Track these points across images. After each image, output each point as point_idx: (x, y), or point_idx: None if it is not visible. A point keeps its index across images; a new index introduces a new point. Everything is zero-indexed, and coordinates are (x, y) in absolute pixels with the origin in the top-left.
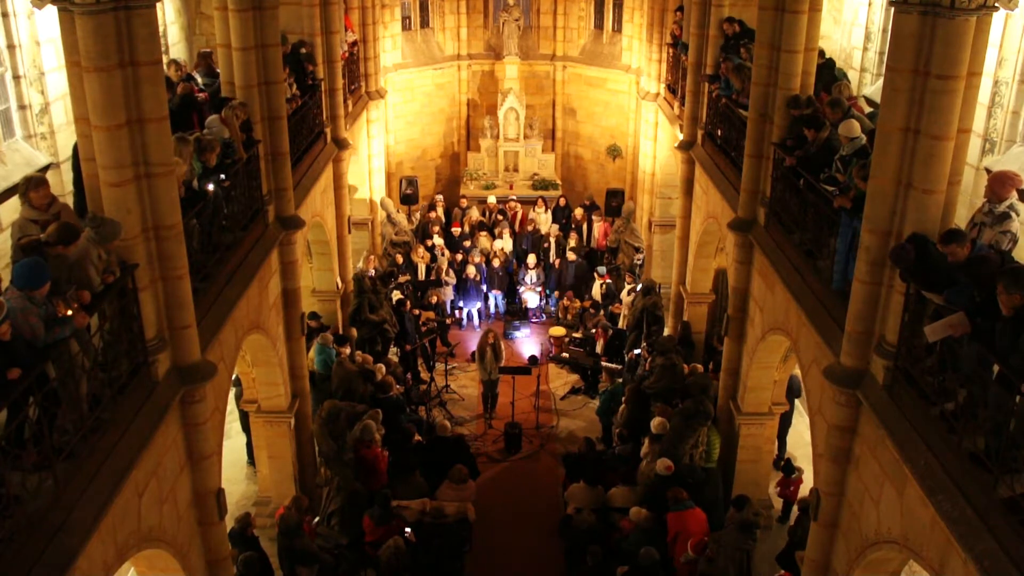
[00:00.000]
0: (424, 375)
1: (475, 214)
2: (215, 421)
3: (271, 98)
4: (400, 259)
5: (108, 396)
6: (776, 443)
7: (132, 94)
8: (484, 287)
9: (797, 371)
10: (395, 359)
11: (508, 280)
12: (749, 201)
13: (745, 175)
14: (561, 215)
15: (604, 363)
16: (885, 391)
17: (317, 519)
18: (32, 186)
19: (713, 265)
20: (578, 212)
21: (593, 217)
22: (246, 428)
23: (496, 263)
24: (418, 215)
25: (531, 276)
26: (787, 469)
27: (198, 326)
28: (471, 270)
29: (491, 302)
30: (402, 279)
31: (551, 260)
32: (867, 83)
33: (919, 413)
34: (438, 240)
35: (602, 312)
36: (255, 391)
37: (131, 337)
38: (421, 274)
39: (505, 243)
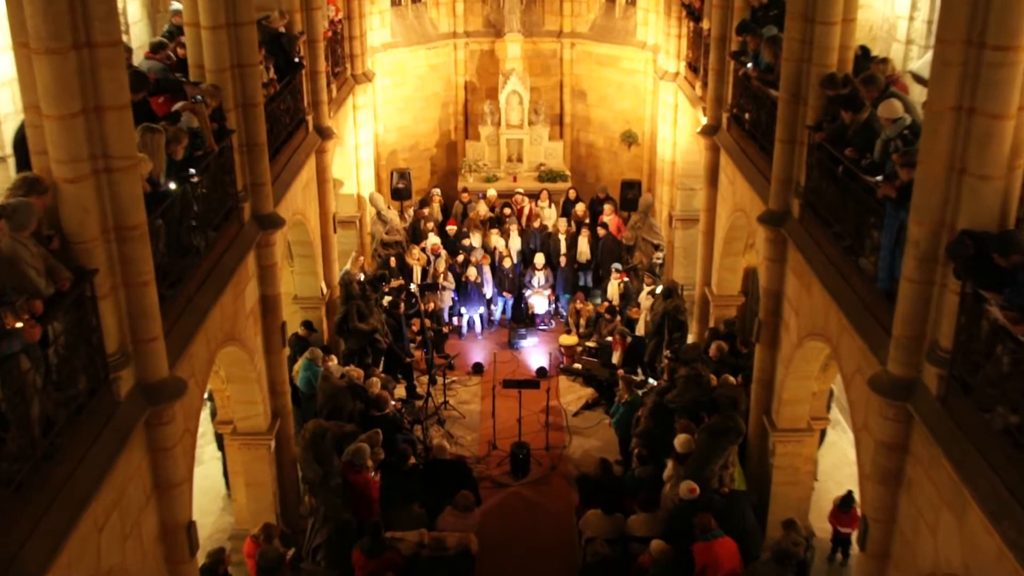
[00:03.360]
0: (420, 390)
1: (483, 209)
2: (185, 445)
3: (245, 83)
4: (392, 261)
5: (63, 419)
6: (816, 464)
7: (89, 79)
8: (487, 290)
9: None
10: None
11: (513, 282)
12: (781, 191)
13: (776, 162)
14: (571, 210)
15: (622, 374)
16: (939, 403)
17: (292, 551)
18: None
19: (742, 263)
20: (579, 208)
21: (605, 208)
22: (222, 451)
23: (507, 264)
24: (411, 212)
25: (538, 278)
26: (845, 502)
27: (165, 338)
28: (472, 272)
29: (496, 307)
30: (395, 283)
31: (559, 260)
32: (913, 56)
33: (979, 427)
34: (434, 239)
35: (619, 317)
36: (230, 410)
37: (89, 352)
38: (416, 277)
39: (513, 241)
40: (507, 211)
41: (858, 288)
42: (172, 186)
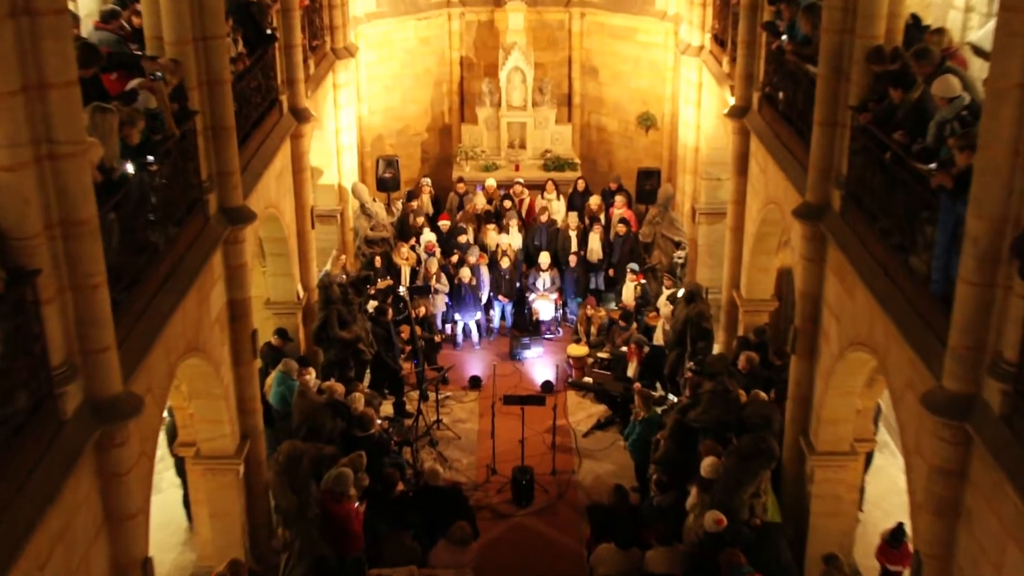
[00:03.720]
0: (410, 407)
1: (480, 202)
2: (141, 470)
3: (210, 57)
4: (378, 261)
5: (0, 440)
6: (861, 492)
7: (30, 52)
8: (483, 294)
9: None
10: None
11: (513, 284)
12: (820, 181)
13: (815, 148)
14: (580, 202)
15: (638, 389)
16: (1003, 423)
17: None
18: None
19: (775, 263)
20: (594, 202)
21: (617, 200)
22: (183, 477)
23: (505, 263)
24: (400, 204)
25: (543, 280)
26: (895, 536)
27: (119, 349)
28: (465, 273)
29: (495, 313)
30: (381, 286)
31: (567, 259)
32: (973, 26)
33: None
34: (427, 236)
35: (635, 325)
36: (193, 431)
37: (31, 363)
38: (404, 279)
39: (513, 238)
40: (507, 204)
41: (908, 291)
42: (128, 171)
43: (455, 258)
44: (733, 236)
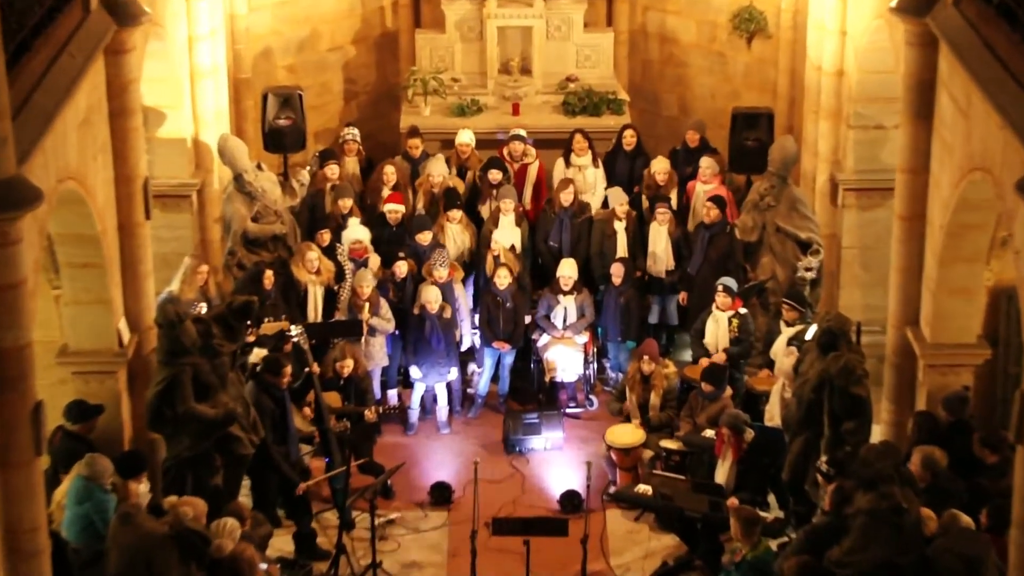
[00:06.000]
0: (325, 541)
1: (439, 169)
2: None
3: None
4: (268, 277)
5: None
6: None
7: None
8: (461, 334)
9: None
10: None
11: (516, 318)
12: None
13: None
14: (630, 169)
15: (736, 507)
16: None
17: None
18: None
19: (983, 279)
20: (657, 168)
21: (702, 166)
22: None
23: (503, 281)
24: (306, 175)
25: (564, 310)
26: None
27: None
28: (430, 296)
29: (481, 369)
30: (271, 325)
31: (607, 272)
32: None
33: None
34: (356, 231)
35: (729, 390)
36: None
37: None
38: (314, 308)
39: (508, 234)
40: (495, 175)
41: None
42: None
43: (403, 268)
44: (906, 231)
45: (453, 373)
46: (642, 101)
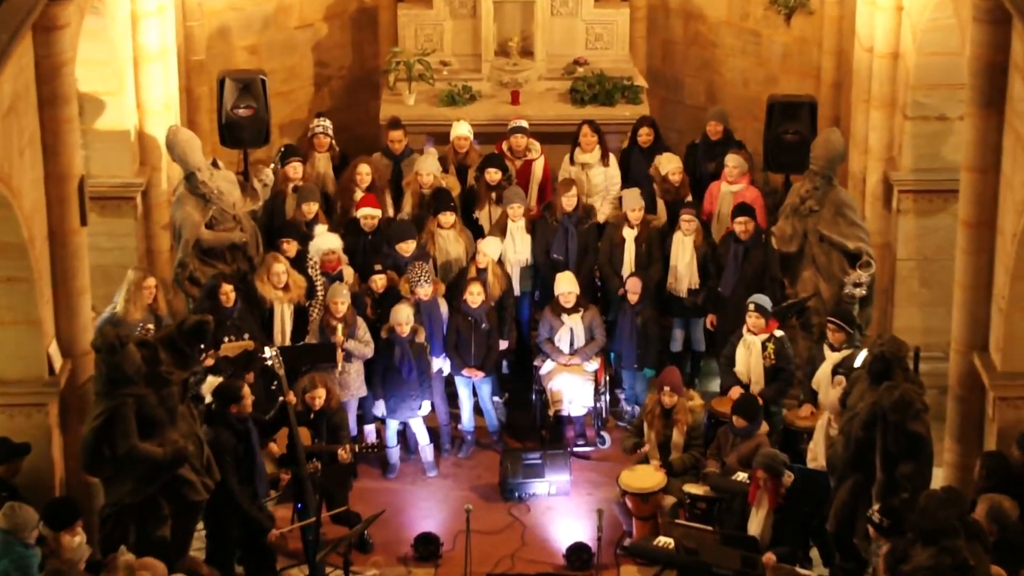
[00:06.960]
0: None
1: (430, 166)
2: None
3: None
4: (227, 291)
5: None
6: None
7: None
8: (441, 363)
9: None
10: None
11: (490, 342)
12: None
13: None
14: (646, 167)
15: (772, 564)
16: None
17: None
18: None
19: None
20: (673, 169)
21: (729, 163)
22: None
23: (474, 298)
24: (269, 175)
25: (569, 332)
26: None
27: None
28: (400, 316)
29: (471, 400)
30: (232, 346)
31: (621, 287)
32: None
33: None
34: (326, 240)
35: (764, 427)
36: None
37: None
38: (281, 331)
39: (521, 243)
40: (493, 175)
41: None
42: None
43: (381, 282)
44: (973, 240)
45: (425, 407)
46: (663, 88)
